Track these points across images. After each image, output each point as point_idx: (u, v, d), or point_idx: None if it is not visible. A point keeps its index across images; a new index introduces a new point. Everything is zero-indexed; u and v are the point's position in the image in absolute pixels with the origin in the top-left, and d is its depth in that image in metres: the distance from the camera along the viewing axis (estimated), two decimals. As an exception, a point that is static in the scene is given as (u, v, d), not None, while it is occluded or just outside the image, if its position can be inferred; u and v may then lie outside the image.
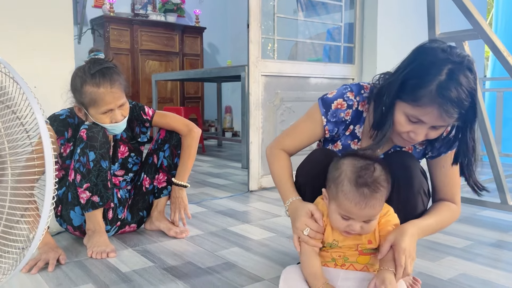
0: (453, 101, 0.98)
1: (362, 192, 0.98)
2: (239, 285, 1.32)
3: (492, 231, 1.88)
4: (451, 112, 0.99)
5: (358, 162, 1.01)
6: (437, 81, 0.99)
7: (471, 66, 1.01)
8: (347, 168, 1.01)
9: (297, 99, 2.87)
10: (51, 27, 1.81)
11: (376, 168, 1.00)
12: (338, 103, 1.20)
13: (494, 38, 1.77)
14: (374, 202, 0.98)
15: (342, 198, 1.00)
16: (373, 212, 1.01)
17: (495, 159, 2.06)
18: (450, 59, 1.00)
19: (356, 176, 0.99)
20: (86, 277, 1.37)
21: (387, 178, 1.02)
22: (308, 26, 4.42)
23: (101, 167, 1.56)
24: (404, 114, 1.06)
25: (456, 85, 0.98)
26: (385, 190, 1.01)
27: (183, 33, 5.64)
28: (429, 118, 1.02)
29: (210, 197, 2.50)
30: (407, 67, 1.06)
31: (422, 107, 1.01)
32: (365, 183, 0.98)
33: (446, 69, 0.99)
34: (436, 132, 1.07)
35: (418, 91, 1.01)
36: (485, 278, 1.37)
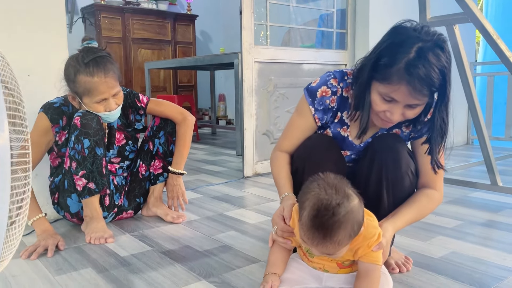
0: (421, 78, 0.99)
1: (312, 234, 0.92)
2: (236, 266, 1.35)
3: (483, 212, 1.93)
4: (420, 90, 1.00)
5: (322, 197, 0.91)
6: (405, 59, 1.00)
7: (443, 45, 1.02)
8: (311, 199, 0.93)
9: (291, 85, 2.88)
10: (44, 16, 1.80)
11: (338, 212, 0.90)
12: (323, 91, 1.22)
13: (484, 22, 1.79)
14: (327, 245, 0.92)
15: (301, 226, 0.96)
16: (327, 252, 0.95)
17: (485, 142, 2.09)
18: (420, 38, 1.01)
19: (314, 215, 0.91)
20: (86, 261, 1.39)
21: (351, 219, 0.91)
22: (300, 13, 4.41)
23: (96, 154, 1.58)
24: (378, 93, 1.08)
25: (424, 63, 0.99)
26: (344, 233, 0.91)
27: (175, 21, 5.60)
28: (400, 96, 1.04)
29: (205, 184, 2.53)
30: (379, 47, 1.08)
31: (392, 84, 1.03)
32: (318, 228, 0.91)
33: (416, 47, 1.00)
34: (413, 111, 1.08)
35: (388, 69, 1.03)
36: (475, 256, 1.41)
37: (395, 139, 1.21)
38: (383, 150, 1.18)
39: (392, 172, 1.17)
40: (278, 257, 1.13)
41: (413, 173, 1.21)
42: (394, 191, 1.19)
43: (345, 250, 0.98)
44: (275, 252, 1.14)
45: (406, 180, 1.19)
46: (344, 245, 0.95)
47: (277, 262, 1.13)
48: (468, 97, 2.06)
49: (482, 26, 1.80)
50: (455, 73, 2.19)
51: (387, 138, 1.21)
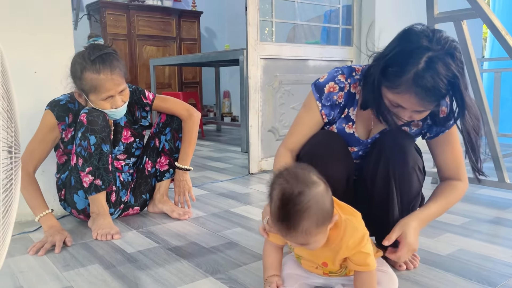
0: (429, 90, 0.99)
1: (279, 226, 0.92)
2: (243, 263, 1.35)
3: (490, 209, 1.92)
4: (428, 100, 1.01)
5: (284, 186, 0.90)
6: (414, 69, 0.99)
7: (454, 52, 1.00)
8: (276, 193, 0.91)
9: (296, 82, 2.87)
10: (50, 13, 1.80)
11: (301, 200, 0.88)
12: (330, 86, 1.21)
13: (492, 17, 1.77)
14: (293, 234, 0.91)
15: (270, 218, 0.96)
16: (297, 241, 0.93)
17: (493, 139, 2.07)
18: (430, 47, 0.99)
19: (278, 206, 0.90)
20: (93, 257, 1.40)
21: (316, 205, 0.89)
22: (305, 9, 4.39)
23: (102, 151, 1.58)
24: (386, 98, 1.08)
25: (432, 74, 0.98)
26: (309, 221, 0.89)
27: (180, 17, 5.59)
28: (408, 105, 1.05)
29: (211, 180, 2.53)
30: (389, 53, 1.06)
31: (400, 94, 1.03)
32: (283, 218, 0.90)
33: (425, 57, 0.99)
34: (420, 115, 1.09)
35: (396, 78, 1.02)
36: (483, 253, 1.41)
37: (402, 135, 1.20)
38: (390, 146, 1.18)
39: (399, 168, 1.17)
40: (273, 259, 1.12)
41: (420, 170, 1.21)
42: (401, 187, 1.18)
43: (320, 240, 0.94)
44: (270, 254, 1.12)
45: (413, 176, 1.19)
46: (315, 234, 0.91)
47: (274, 265, 1.11)
48: (475, 93, 2.04)
49: (490, 22, 1.78)
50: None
51: (395, 134, 1.20)
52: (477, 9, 1.83)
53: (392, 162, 1.16)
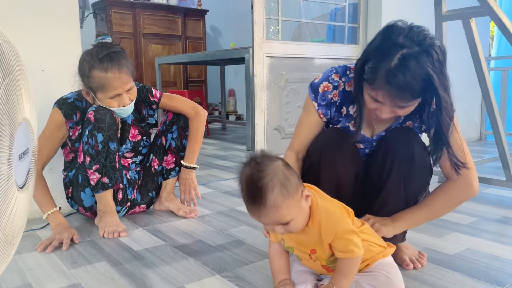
0: (400, 87, 0.99)
1: (251, 208, 0.95)
2: (249, 261, 1.35)
3: (497, 208, 1.90)
4: (400, 97, 1.01)
5: (247, 170, 0.93)
6: (387, 66, 0.99)
7: (429, 50, 0.99)
8: (242, 178, 0.95)
9: (302, 80, 2.87)
10: (57, 11, 1.81)
11: (258, 178, 0.90)
12: (324, 86, 1.23)
13: (501, 15, 1.76)
14: (265, 212, 0.92)
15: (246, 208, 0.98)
16: (271, 220, 0.94)
17: (501, 138, 2.06)
18: (405, 44, 0.99)
19: (245, 190, 0.94)
20: (100, 255, 1.40)
21: (276, 180, 0.91)
22: (311, 7, 4.38)
23: (109, 149, 1.58)
24: (367, 93, 1.09)
25: (404, 71, 0.97)
26: (275, 195, 0.91)
27: (185, 16, 5.60)
28: (385, 100, 1.04)
29: (217, 179, 2.53)
30: (368, 49, 1.08)
31: (375, 89, 1.04)
32: (251, 200, 0.93)
33: (399, 55, 0.99)
34: (403, 110, 1.07)
35: (371, 75, 1.04)
36: (491, 253, 1.40)
37: (408, 132, 1.19)
38: (396, 144, 1.17)
39: (406, 166, 1.16)
40: (281, 263, 1.11)
41: (427, 167, 1.20)
42: (408, 184, 1.18)
43: (296, 215, 0.95)
44: (276, 259, 1.11)
45: (421, 173, 1.18)
46: (285, 206, 0.92)
47: (283, 269, 1.11)
48: (484, 92, 2.03)
49: (499, 20, 1.76)
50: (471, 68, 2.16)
51: (401, 132, 1.20)
52: (486, 7, 1.81)
53: (398, 160, 1.16)
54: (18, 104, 0.79)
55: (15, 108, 0.78)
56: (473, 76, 2.18)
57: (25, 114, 0.83)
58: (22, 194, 0.84)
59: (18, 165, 0.79)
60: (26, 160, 0.86)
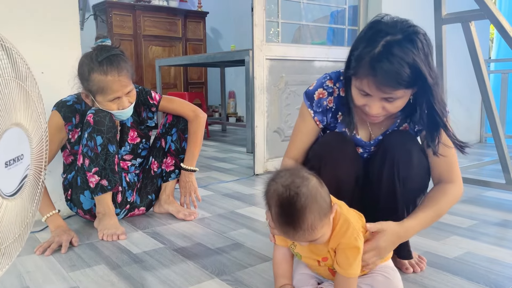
0: (385, 72, 0.97)
1: (285, 228, 0.92)
2: (248, 264, 1.34)
3: (497, 211, 1.90)
4: (386, 84, 0.99)
5: (280, 191, 0.90)
6: (371, 53, 0.99)
7: (414, 38, 0.99)
8: (273, 197, 0.92)
9: (302, 83, 2.87)
10: (57, 13, 1.81)
11: (298, 198, 0.88)
12: (319, 93, 1.23)
13: (501, 18, 1.76)
14: (300, 233, 0.91)
15: (275, 227, 0.96)
16: (303, 239, 0.93)
17: (501, 141, 2.06)
18: (389, 32, 1.00)
19: (279, 212, 0.91)
20: (99, 258, 1.40)
21: (313, 200, 0.90)
22: (311, 9, 4.38)
23: (108, 151, 1.58)
24: (355, 87, 1.08)
25: (388, 56, 0.97)
26: (311, 215, 0.89)
27: (185, 18, 5.60)
28: (371, 90, 1.03)
29: (216, 181, 2.53)
30: (354, 42, 1.08)
31: (360, 79, 1.03)
32: (286, 222, 0.91)
33: (383, 41, 0.99)
34: (392, 105, 1.05)
35: (356, 64, 1.03)
36: (490, 256, 1.39)
37: (406, 136, 1.19)
38: (394, 147, 1.17)
39: (404, 169, 1.16)
40: (285, 268, 1.11)
41: (425, 171, 1.19)
42: (407, 189, 1.17)
43: (326, 231, 0.94)
44: (281, 263, 1.11)
45: (419, 177, 1.18)
46: (320, 227, 0.92)
47: (286, 274, 1.11)
48: (483, 94, 2.03)
49: (499, 23, 1.76)
50: (470, 70, 2.16)
51: (398, 136, 1.19)
52: (485, 10, 1.81)
53: (397, 164, 1.15)
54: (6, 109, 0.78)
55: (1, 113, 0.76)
56: (472, 79, 2.18)
57: (18, 119, 0.82)
58: (12, 202, 0.83)
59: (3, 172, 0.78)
60: (19, 167, 0.85)
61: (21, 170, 0.87)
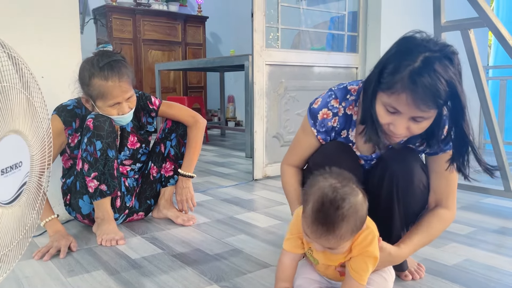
0: (425, 87, 0.93)
1: (316, 227, 0.92)
2: (247, 270, 1.34)
3: (496, 218, 1.90)
4: (423, 99, 0.95)
5: (327, 191, 0.91)
6: (410, 67, 0.95)
7: (452, 57, 0.97)
8: (316, 193, 0.92)
9: (301, 88, 2.87)
10: (57, 17, 1.81)
11: (342, 206, 0.89)
12: (324, 113, 1.21)
13: (499, 26, 1.77)
14: (329, 238, 0.92)
15: (304, 219, 0.96)
16: (328, 245, 0.94)
17: (499, 148, 2.07)
18: (428, 47, 0.97)
19: (317, 208, 0.90)
20: (97, 263, 1.40)
21: (354, 214, 0.91)
22: (310, 15, 4.40)
23: (108, 156, 1.58)
24: (382, 104, 1.03)
25: (430, 72, 0.93)
26: (347, 227, 0.91)
27: (185, 22, 5.62)
28: (403, 107, 0.98)
29: (215, 186, 2.53)
30: (385, 56, 1.04)
31: (395, 94, 0.98)
32: (322, 221, 0.90)
33: (422, 57, 0.96)
34: (418, 125, 1.02)
35: (392, 77, 0.98)
36: (489, 264, 1.40)
37: (407, 151, 1.17)
38: (394, 162, 1.15)
39: (403, 185, 1.14)
40: (289, 273, 1.11)
41: (425, 187, 1.18)
42: (405, 204, 1.16)
43: (347, 245, 0.97)
44: (286, 268, 1.10)
45: (418, 193, 1.17)
46: (346, 240, 0.94)
47: (289, 278, 1.10)
48: (482, 102, 2.03)
49: (497, 31, 1.77)
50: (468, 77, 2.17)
51: (400, 150, 1.17)
52: (484, 18, 1.82)
53: (396, 179, 1.14)
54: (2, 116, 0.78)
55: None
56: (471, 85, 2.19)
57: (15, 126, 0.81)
58: (8, 210, 0.82)
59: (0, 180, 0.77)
60: (17, 174, 0.84)
61: (19, 177, 0.86)
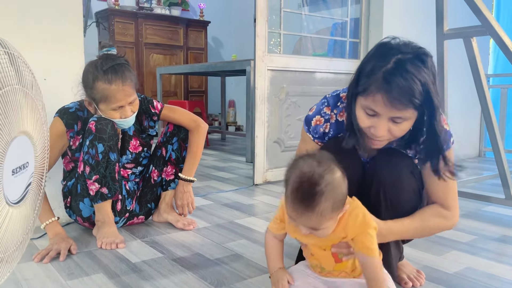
0: (399, 87, 0.97)
1: (296, 205, 0.94)
2: (248, 276, 1.34)
3: (497, 226, 1.90)
4: (398, 99, 0.97)
5: (305, 170, 0.93)
6: (383, 68, 0.99)
7: (424, 58, 1.00)
8: (294, 173, 0.94)
9: (303, 94, 2.88)
10: (61, 20, 1.82)
11: (319, 182, 0.91)
12: (317, 120, 1.25)
13: (502, 35, 1.78)
14: (309, 215, 0.93)
15: (285, 200, 0.97)
16: (310, 223, 0.95)
17: (501, 156, 2.07)
18: (400, 50, 1.01)
19: (296, 187, 0.93)
20: (97, 266, 1.39)
21: (333, 191, 0.92)
22: (312, 21, 4.41)
23: (109, 159, 1.58)
24: (362, 108, 1.06)
25: (402, 72, 0.97)
26: (326, 204, 0.92)
27: (187, 26, 5.63)
28: (381, 108, 1.01)
29: (215, 190, 2.52)
30: (362, 62, 1.08)
31: (371, 95, 1.01)
32: (300, 198, 0.92)
33: (395, 59, 0.99)
34: (399, 127, 1.04)
35: (367, 80, 1.02)
36: (490, 272, 1.39)
37: (398, 155, 1.16)
38: (383, 167, 1.14)
39: (391, 191, 1.13)
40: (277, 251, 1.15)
41: (415, 192, 1.16)
42: (393, 210, 1.14)
43: (331, 226, 0.97)
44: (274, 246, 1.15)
45: (407, 199, 1.15)
46: (328, 218, 0.94)
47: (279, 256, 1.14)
48: (484, 110, 2.04)
49: (500, 39, 1.78)
50: (469, 84, 2.17)
51: (390, 154, 1.16)
52: (487, 26, 1.83)
53: (383, 184, 1.13)
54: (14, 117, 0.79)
55: (10, 121, 0.77)
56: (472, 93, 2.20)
57: (24, 127, 0.82)
58: (16, 210, 0.83)
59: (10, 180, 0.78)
60: (24, 175, 0.85)
61: (26, 177, 0.87)
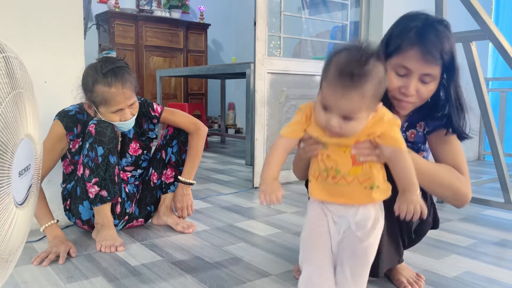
0: (432, 40, 1.07)
1: (343, 80, 0.90)
2: (247, 279, 1.34)
3: (496, 230, 1.90)
4: (431, 52, 1.06)
5: (353, 54, 0.91)
6: (415, 28, 1.09)
7: (447, 24, 1.11)
8: (339, 58, 0.92)
9: (302, 97, 2.88)
10: (61, 22, 1.82)
11: (368, 62, 0.89)
12: None
13: (501, 39, 1.78)
14: (352, 94, 0.89)
15: (325, 86, 0.94)
16: (350, 105, 0.91)
17: (500, 160, 2.07)
18: (425, 14, 1.13)
19: (344, 65, 0.90)
20: (96, 269, 1.39)
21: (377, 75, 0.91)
22: (312, 24, 4.42)
23: (109, 162, 1.58)
24: (392, 68, 1.12)
25: (432, 30, 1.08)
26: (370, 86, 0.90)
27: (187, 29, 5.64)
28: (413, 64, 1.08)
29: (215, 193, 2.52)
30: (388, 32, 1.19)
31: (404, 51, 1.10)
32: (349, 73, 0.89)
33: (424, 19, 1.11)
34: (426, 87, 1.11)
35: (399, 39, 1.11)
36: (489, 276, 1.39)
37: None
38: None
39: None
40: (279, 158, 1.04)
41: None
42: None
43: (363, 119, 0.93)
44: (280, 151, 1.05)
45: None
46: (366, 106, 0.91)
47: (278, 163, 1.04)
48: (483, 113, 2.04)
49: (499, 44, 1.79)
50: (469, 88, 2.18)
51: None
52: (486, 30, 1.84)
53: None
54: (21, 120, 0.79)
55: (18, 124, 0.78)
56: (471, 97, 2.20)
57: (28, 130, 0.83)
58: (21, 211, 0.83)
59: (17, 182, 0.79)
60: (27, 177, 0.86)
61: (28, 179, 0.87)
